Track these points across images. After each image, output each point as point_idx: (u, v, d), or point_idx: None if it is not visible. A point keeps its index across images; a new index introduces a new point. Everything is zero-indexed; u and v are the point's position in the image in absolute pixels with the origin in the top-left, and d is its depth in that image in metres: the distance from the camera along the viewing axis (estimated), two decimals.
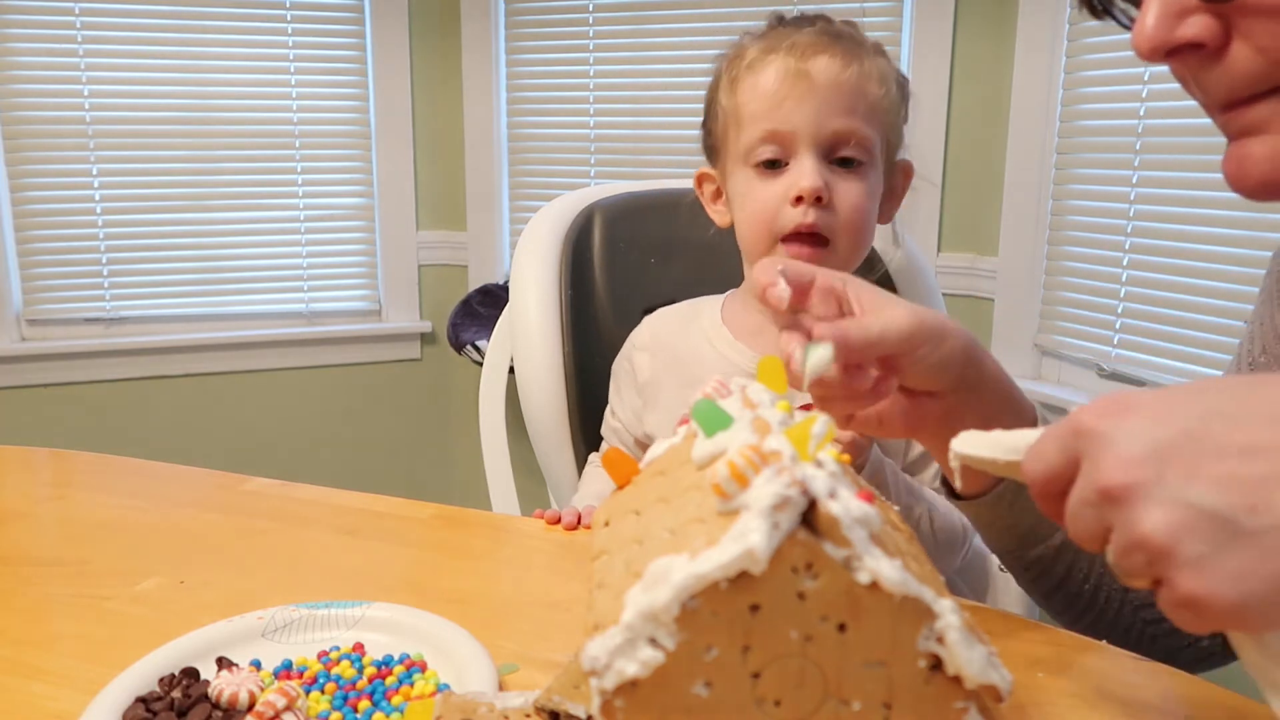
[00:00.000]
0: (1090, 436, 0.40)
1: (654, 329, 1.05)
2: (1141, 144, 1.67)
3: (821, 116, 0.86)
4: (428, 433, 2.53)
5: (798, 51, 0.86)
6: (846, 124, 0.86)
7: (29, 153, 2.19)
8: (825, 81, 0.86)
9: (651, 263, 1.22)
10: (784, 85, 0.86)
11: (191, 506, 0.84)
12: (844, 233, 0.88)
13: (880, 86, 0.89)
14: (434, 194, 2.44)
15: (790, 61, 0.86)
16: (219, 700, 0.50)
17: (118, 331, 2.29)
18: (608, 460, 0.50)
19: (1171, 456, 0.38)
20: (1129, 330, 1.72)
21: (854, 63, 0.87)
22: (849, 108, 0.86)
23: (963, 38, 1.92)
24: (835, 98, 0.86)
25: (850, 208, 0.87)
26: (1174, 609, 0.39)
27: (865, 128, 0.87)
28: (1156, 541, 0.37)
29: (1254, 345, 0.66)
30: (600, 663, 0.36)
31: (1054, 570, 0.68)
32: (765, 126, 0.87)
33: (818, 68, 0.86)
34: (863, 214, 0.88)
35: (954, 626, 0.36)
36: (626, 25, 2.21)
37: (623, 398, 1.10)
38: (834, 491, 0.36)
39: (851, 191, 0.87)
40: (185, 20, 2.22)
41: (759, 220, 0.89)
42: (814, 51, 0.86)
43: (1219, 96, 0.49)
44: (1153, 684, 0.55)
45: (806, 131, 0.86)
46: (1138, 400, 0.40)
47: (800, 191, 0.85)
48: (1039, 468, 0.43)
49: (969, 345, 0.61)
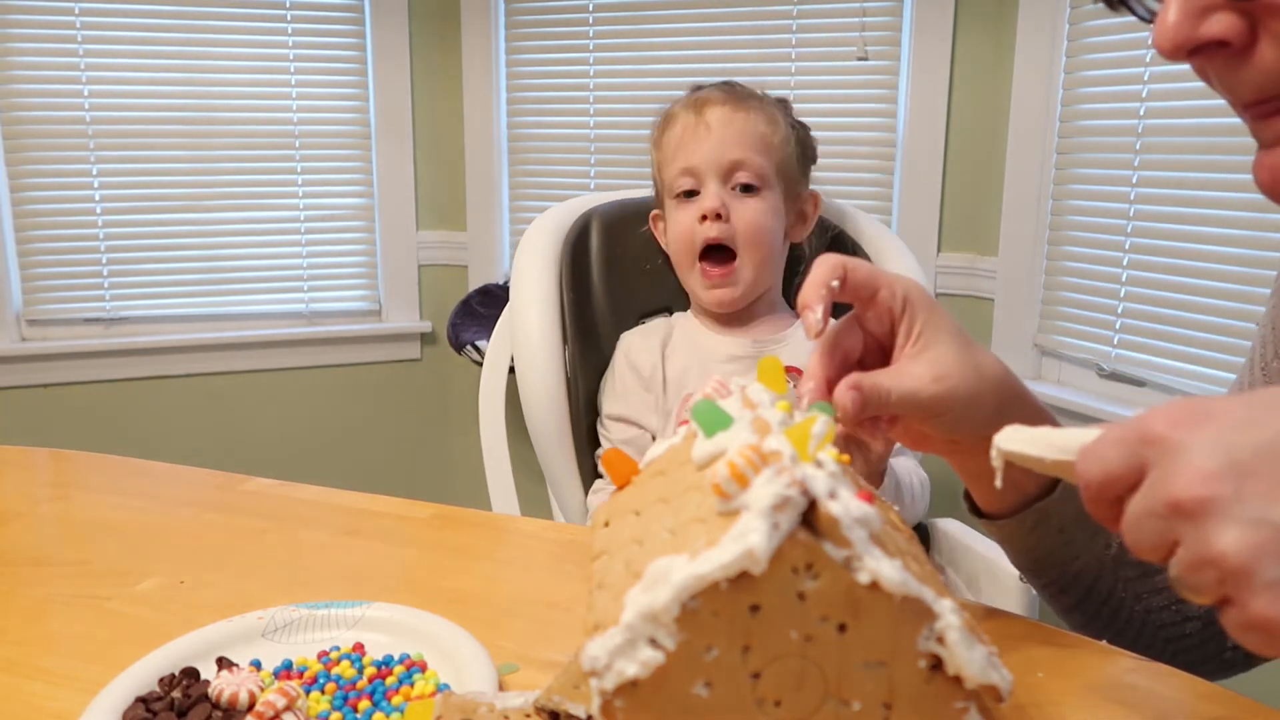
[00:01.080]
0: (1161, 445, 0.38)
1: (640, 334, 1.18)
2: (1141, 144, 1.67)
3: (717, 151, 1.09)
4: (428, 433, 2.53)
5: (698, 106, 1.12)
6: (739, 155, 1.09)
7: (29, 153, 2.18)
8: (718, 122, 1.10)
9: (647, 268, 1.23)
10: (688, 130, 1.11)
11: (191, 506, 0.84)
12: (745, 243, 1.10)
13: (768, 126, 1.12)
14: (434, 194, 2.44)
15: (692, 114, 1.12)
16: (219, 700, 0.50)
17: (118, 331, 2.29)
18: (607, 460, 0.50)
19: (1252, 471, 0.36)
20: (1129, 330, 1.72)
21: (743, 109, 1.11)
22: (740, 143, 1.10)
23: (963, 38, 1.92)
24: (728, 135, 1.10)
25: (747, 223, 1.09)
26: (1243, 631, 0.37)
27: (756, 158, 1.10)
28: (1232, 562, 0.35)
29: (1266, 350, 0.65)
30: (600, 663, 0.36)
31: (1073, 590, 0.67)
32: (680, 164, 1.11)
33: (713, 115, 1.11)
34: (760, 228, 1.10)
35: (954, 626, 0.36)
36: (626, 25, 2.21)
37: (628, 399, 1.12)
38: (834, 491, 0.36)
39: (748, 209, 1.09)
40: (185, 20, 2.22)
41: (681, 240, 1.12)
42: (711, 104, 1.12)
43: (1247, 96, 0.48)
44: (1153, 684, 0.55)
45: (707, 163, 1.10)
46: (1214, 408, 0.38)
47: (704, 210, 1.08)
48: (1096, 470, 0.40)
49: (1003, 401, 0.57)
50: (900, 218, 2.00)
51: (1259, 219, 1.49)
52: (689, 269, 1.14)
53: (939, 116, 1.94)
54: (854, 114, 2.04)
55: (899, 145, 1.99)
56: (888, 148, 2.01)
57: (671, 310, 1.24)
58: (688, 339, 1.16)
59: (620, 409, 1.14)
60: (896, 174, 2.00)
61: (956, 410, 0.56)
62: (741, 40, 2.09)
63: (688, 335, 1.16)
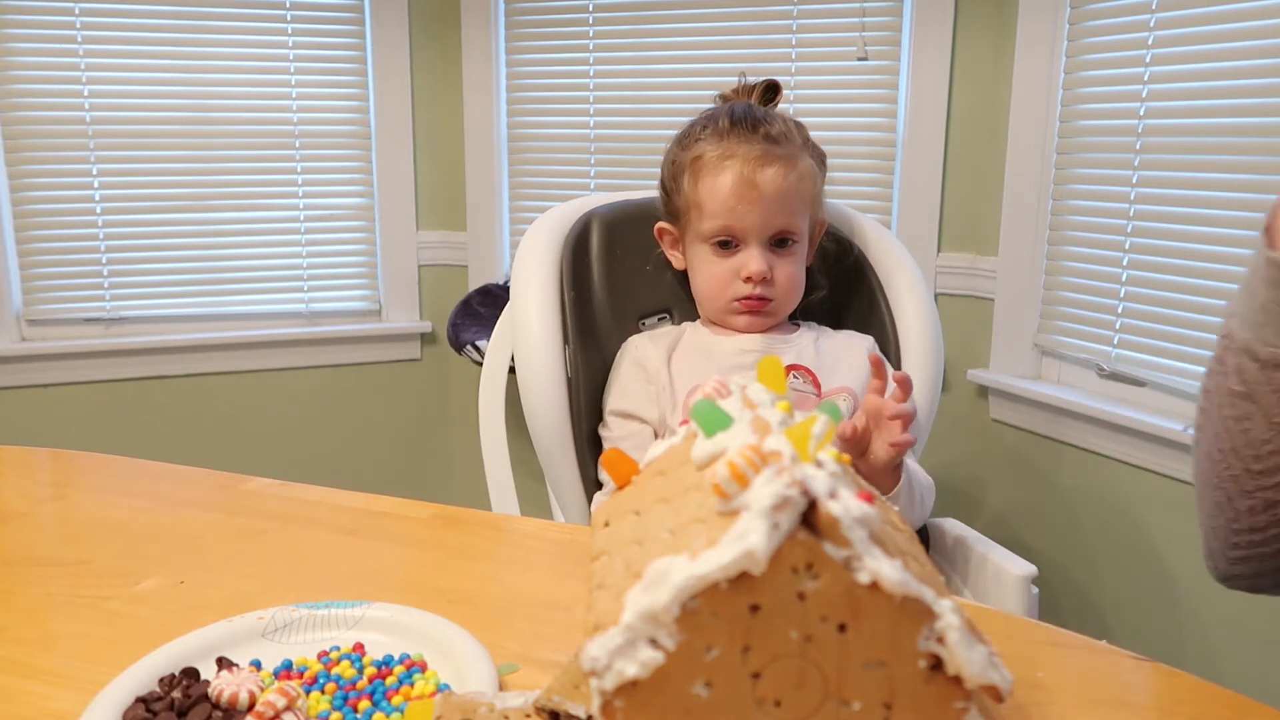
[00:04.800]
0: None
1: (647, 337, 1.19)
2: (1141, 144, 1.67)
3: (767, 218, 1.10)
4: (428, 433, 2.53)
5: (749, 164, 1.09)
6: (786, 222, 1.11)
7: (29, 153, 2.18)
8: (771, 191, 1.09)
9: (647, 269, 1.24)
10: (736, 191, 1.09)
11: (191, 506, 0.84)
12: (782, 297, 1.13)
13: (810, 183, 1.12)
14: (434, 194, 2.44)
15: (744, 171, 1.09)
16: (219, 700, 0.50)
17: (118, 331, 2.29)
18: (607, 460, 0.50)
19: None
20: (1129, 330, 1.72)
21: (792, 171, 1.10)
22: (788, 209, 1.11)
23: (963, 38, 1.92)
24: (778, 203, 1.10)
25: (786, 278, 1.13)
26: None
27: (798, 220, 1.12)
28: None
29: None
30: (600, 663, 0.36)
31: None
32: (723, 222, 1.10)
33: (765, 178, 1.09)
34: (795, 281, 1.14)
35: (954, 626, 0.36)
36: (626, 25, 2.21)
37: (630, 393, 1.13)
38: (834, 491, 0.36)
39: (787, 266, 1.13)
40: (185, 20, 2.22)
41: (715, 286, 1.14)
42: (762, 164, 1.09)
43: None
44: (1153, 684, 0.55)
45: (755, 230, 1.10)
46: None
47: (750, 274, 1.11)
48: None
49: None
50: (900, 218, 2.00)
51: (1259, 220, 1.49)
52: (721, 314, 1.16)
53: (939, 116, 1.94)
54: (854, 114, 2.04)
55: (899, 145, 1.99)
56: (888, 148, 2.01)
57: (672, 311, 1.24)
58: (697, 341, 1.17)
59: (621, 404, 1.14)
60: (896, 174, 2.00)
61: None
62: (741, 40, 2.09)
63: (697, 339, 1.18)
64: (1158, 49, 1.64)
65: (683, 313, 1.24)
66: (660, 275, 1.23)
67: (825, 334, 1.20)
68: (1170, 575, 1.68)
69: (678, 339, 1.17)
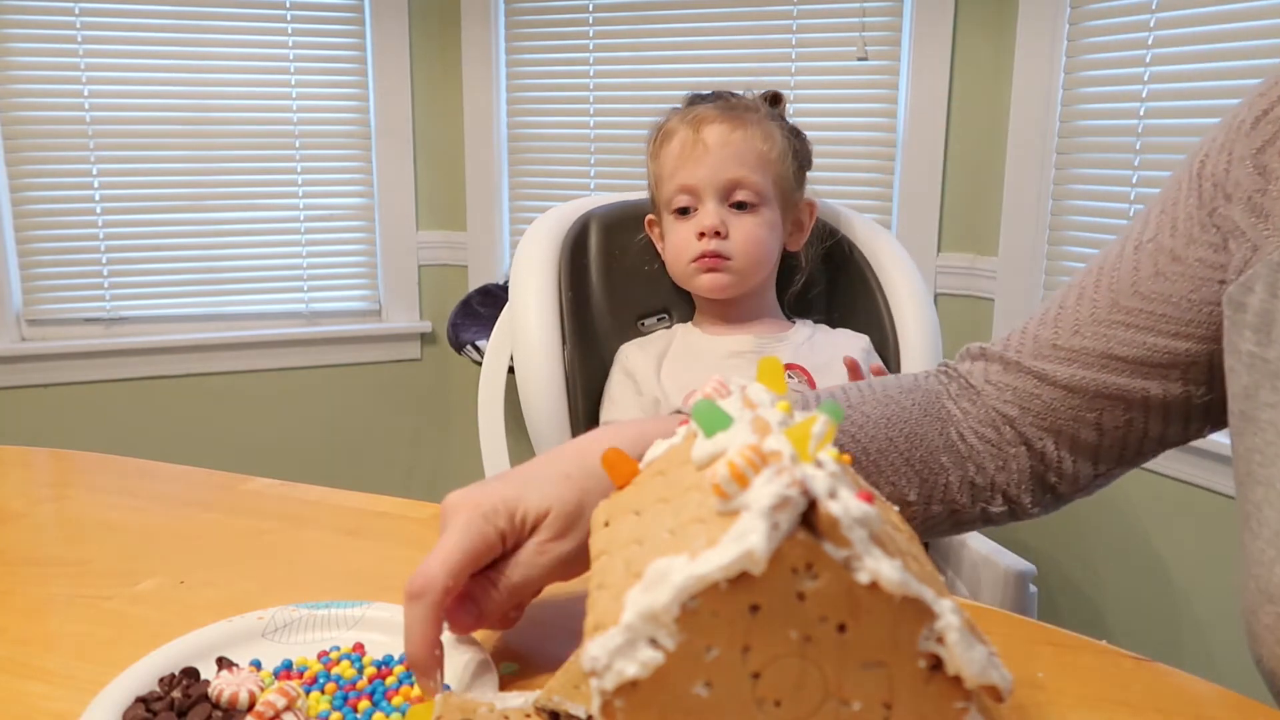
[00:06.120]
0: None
1: (638, 345, 1.19)
2: (1141, 144, 1.67)
3: (715, 170, 1.11)
4: (428, 433, 2.53)
5: (696, 122, 1.12)
6: (736, 174, 1.11)
7: (29, 153, 2.19)
8: (716, 143, 1.11)
9: (646, 269, 1.24)
10: (685, 148, 1.12)
11: (191, 506, 0.84)
12: (740, 256, 1.13)
13: (765, 143, 1.13)
14: (434, 194, 2.44)
15: (690, 131, 1.13)
16: (219, 700, 0.50)
17: (118, 331, 2.29)
18: (607, 460, 0.50)
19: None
20: None
21: (740, 127, 1.12)
22: (737, 161, 1.11)
23: (963, 38, 1.92)
24: (725, 154, 1.11)
25: (744, 238, 1.12)
26: None
27: (753, 176, 1.11)
28: None
29: (1146, 229, 0.67)
30: (600, 663, 0.36)
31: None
32: (677, 183, 1.13)
33: (710, 133, 1.12)
34: (756, 243, 1.13)
35: (954, 626, 0.36)
36: (626, 25, 2.21)
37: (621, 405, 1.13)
38: (834, 491, 0.36)
39: (744, 225, 1.12)
40: (185, 20, 2.22)
41: (676, 251, 1.16)
42: (707, 121, 1.12)
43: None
44: (1153, 684, 0.55)
45: (705, 182, 1.11)
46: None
47: (702, 229, 1.11)
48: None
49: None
50: (900, 218, 2.00)
51: None
52: (687, 279, 1.17)
53: (939, 117, 1.94)
54: (854, 114, 2.04)
55: (899, 145, 1.99)
56: (888, 148, 2.01)
57: (670, 312, 1.24)
58: (688, 346, 1.17)
59: (611, 414, 1.15)
60: (896, 174, 2.00)
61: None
62: (741, 40, 2.09)
63: (689, 342, 1.18)
64: (1158, 49, 1.64)
65: (681, 313, 1.24)
66: (659, 275, 1.24)
67: (821, 331, 1.20)
68: (1170, 575, 1.68)
69: (668, 344, 1.18)
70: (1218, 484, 1.58)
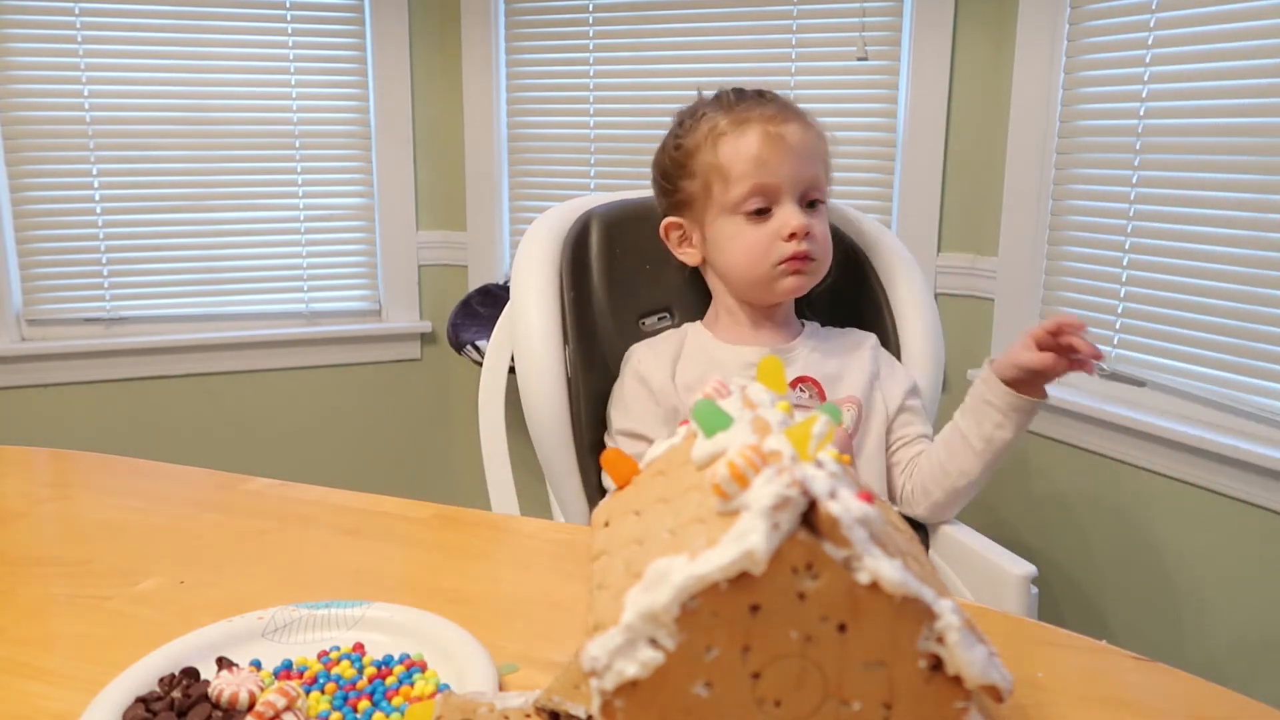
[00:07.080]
0: None
1: (649, 347, 1.18)
2: (1141, 144, 1.67)
3: (798, 169, 1.08)
4: (428, 433, 2.53)
5: (772, 121, 1.09)
6: (813, 174, 1.10)
7: (29, 153, 2.18)
8: (797, 143, 1.08)
9: (646, 268, 1.23)
10: (764, 145, 1.07)
11: (191, 506, 0.84)
12: (823, 255, 1.11)
13: (824, 143, 1.13)
14: (434, 194, 2.44)
15: (768, 128, 1.08)
16: (219, 700, 0.50)
17: (118, 331, 2.29)
18: (607, 460, 0.50)
19: None
20: (1129, 330, 1.72)
21: (810, 128, 1.11)
22: (817, 162, 1.10)
23: (963, 38, 1.92)
24: (806, 155, 1.09)
25: (822, 236, 1.11)
26: None
27: (822, 176, 1.11)
28: None
29: None
30: (600, 663, 0.36)
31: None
32: (754, 181, 1.07)
33: (789, 131, 1.08)
34: (828, 239, 1.12)
35: (954, 626, 0.36)
36: (626, 25, 2.21)
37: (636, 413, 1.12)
38: (834, 491, 0.36)
39: (820, 224, 1.11)
40: (185, 20, 2.22)
41: (753, 255, 1.10)
42: (783, 120, 1.09)
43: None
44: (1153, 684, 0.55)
45: (788, 183, 1.08)
46: None
47: (793, 229, 1.07)
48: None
49: None
50: (900, 218, 2.00)
51: (1259, 219, 1.49)
52: (766, 283, 1.11)
53: (939, 116, 1.94)
54: (854, 114, 2.04)
55: (899, 145, 1.99)
56: (888, 148, 2.01)
57: (672, 310, 1.24)
58: (701, 351, 1.15)
59: (628, 423, 1.13)
60: (896, 174, 2.00)
61: None
62: (741, 40, 2.09)
63: (701, 347, 1.16)
64: (1158, 49, 1.64)
65: (683, 312, 1.24)
66: (660, 274, 1.23)
67: (827, 338, 1.19)
68: (1170, 575, 1.68)
69: (680, 347, 1.16)
70: (1219, 484, 1.58)
